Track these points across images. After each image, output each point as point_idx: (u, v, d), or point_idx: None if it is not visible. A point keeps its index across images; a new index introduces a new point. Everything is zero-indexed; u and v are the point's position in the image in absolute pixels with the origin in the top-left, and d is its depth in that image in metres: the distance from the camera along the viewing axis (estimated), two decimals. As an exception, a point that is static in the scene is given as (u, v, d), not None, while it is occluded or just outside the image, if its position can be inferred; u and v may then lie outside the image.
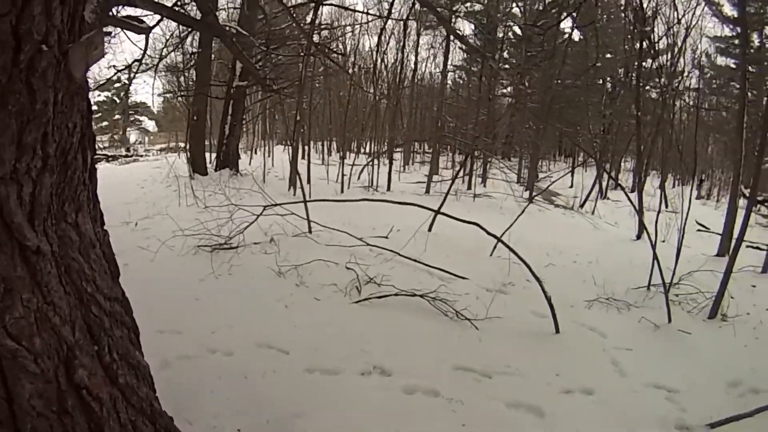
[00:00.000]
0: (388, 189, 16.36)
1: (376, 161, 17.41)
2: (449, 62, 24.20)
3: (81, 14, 1.90)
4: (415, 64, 23.88)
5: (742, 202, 11.93)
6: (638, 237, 12.36)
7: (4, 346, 1.69)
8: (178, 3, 10.53)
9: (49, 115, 1.77)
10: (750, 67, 17.45)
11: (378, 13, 18.61)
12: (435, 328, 5.47)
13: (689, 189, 15.50)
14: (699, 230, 13.91)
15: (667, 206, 15.24)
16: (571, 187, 20.21)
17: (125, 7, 8.99)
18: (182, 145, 17.47)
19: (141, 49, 12.52)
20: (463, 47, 24.54)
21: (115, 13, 8.82)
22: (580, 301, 7.01)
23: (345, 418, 3.59)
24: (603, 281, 7.67)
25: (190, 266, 6.39)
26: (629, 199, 8.98)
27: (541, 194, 14.85)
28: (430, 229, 9.00)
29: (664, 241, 9.13)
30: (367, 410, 3.75)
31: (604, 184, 19.56)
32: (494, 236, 7.04)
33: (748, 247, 7.60)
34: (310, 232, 8.09)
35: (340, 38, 22.82)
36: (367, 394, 3.99)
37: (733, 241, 8.03)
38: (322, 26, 18.02)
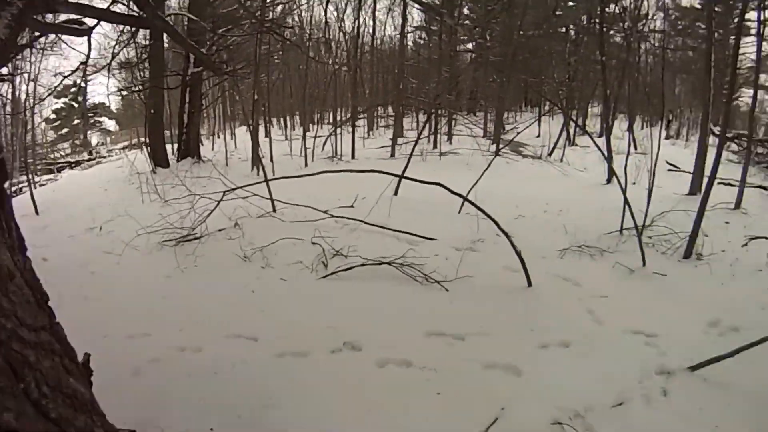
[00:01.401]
0: (353, 157, 16.30)
1: (339, 130, 17.20)
2: (408, 24, 23.89)
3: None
4: (373, 28, 23.61)
5: (711, 140, 12.04)
6: (608, 181, 12.41)
7: None
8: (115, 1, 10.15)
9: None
10: (716, 7, 17.46)
11: None
12: (404, 295, 5.38)
13: (658, 130, 15.64)
14: (669, 170, 14.03)
15: (636, 148, 15.32)
16: (539, 136, 20.14)
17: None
18: (143, 140, 17.12)
19: (84, 53, 12.10)
20: (420, 7, 24.22)
21: (53, 19, 8.44)
22: (552, 251, 6.97)
23: (316, 402, 3.50)
24: (574, 229, 7.68)
25: (155, 264, 6.27)
26: (596, 144, 8.89)
27: (507, 146, 14.74)
28: (396, 193, 8.93)
29: (634, 183, 9.10)
30: (339, 390, 3.66)
31: (572, 131, 19.54)
32: (459, 195, 6.91)
33: (719, 183, 7.60)
34: (274, 211, 8.03)
35: (296, 11, 22.34)
36: (338, 372, 3.92)
37: (705, 179, 8.04)
38: (276, 2, 17.58)
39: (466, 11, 26.59)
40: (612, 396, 3.64)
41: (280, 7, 18.57)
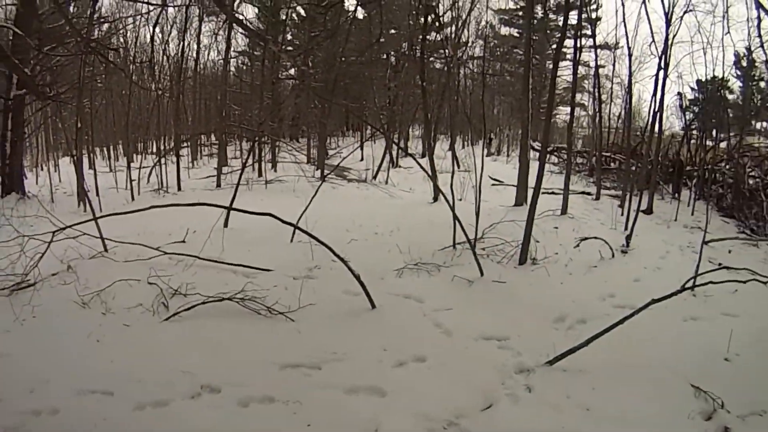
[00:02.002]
0: (179, 189, 15.59)
1: (163, 160, 16.43)
2: (232, 49, 23.56)
3: None
4: (197, 52, 22.94)
5: (531, 155, 13.07)
6: (435, 200, 12.98)
7: None
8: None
9: None
10: (534, 35, 19.31)
11: (159, 2, 17.54)
12: (251, 330, 5.24)
13: (480, 148, 16.71)
14: (494, 184, 15.04)
15: (459, 167, 16.15)
16: (362, 160, 20.71)
17: None
18: None
19: None
20: (245, 32, 24.01)
21: None
22: (389, 271, 7.12)
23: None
24: (408, 247, 7.89)
25: None
26: (420, 164, 9.27)
27: (333, 171, 14.90)
28: (226, 225, 8.72)
29: (461, 200, 9.56)
30: (206, 435, 3.48)
31: (395, 153, 20.29)
32: (290, 224, 6.84)
33: (543, 193, 8.25)
34: (106, 250, 7.43)
35: (121, 32, 21.08)
36: (202, 418, 3.76)
37: (530, 191, 8.66)
38: (101, 19, 16.43)
39: (289, 37, 26.89)
40: (479, 400, 3.77)
41: (105, 26, 17.55)
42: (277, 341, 4.98)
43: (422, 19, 15.95)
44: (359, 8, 19.62)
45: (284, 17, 24.48)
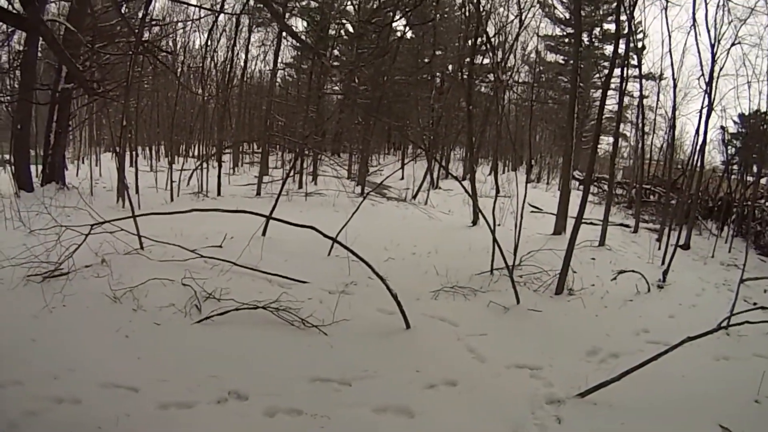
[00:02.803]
0: (219, 194, 15.75)
1: (204, 165, 16.71)
2: (279, 60, 23.95)
3: None
4: (245, 62, 23.35)
5: (572, 184, 12.98)
6: (474, 223, 12.86)
7: None
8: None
9: None
10: (581, 64, 19.30)
11: (210, 8, 17.94)
12: (283, 340, 5.27)
13: (522, 174, 16.61)
14: (533, 212, 14.84)
15: (498, 192, 16.07)
16: (402, 179, 20.72)
17: None
18: (6, 157, 15.39)
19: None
20: (297, 44, 24.33)
21: None
22: (425, 292, 7.11)
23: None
24: (445, 270, 7.85)
25: (22, 301, 5.64)
26: (463, 186, 9.30)
27: (374, 190, 14.92)
28: (264, 234, 8.74)
29: (500, 225, 9.43)
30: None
31: (435, 174, 20.26)
32: (331, 238, 6.91)
33: (582, 223, 8.19)
34: (141, 248, 7.51)
35: (171, 35, 21.65)
36: (227, 424, 3.78)
37: (570, 220, 8.61)
38: (153, 22, 16.88)
39: (336, 53, 27.22)
40: (508, 429, 3.75)
41: (156, 29, 17.98)
42: (309, 354, 5.00)
43: (471, 42, 15.99)
44: (408, 28, 19.81)
45: (332, 32, 24.77)
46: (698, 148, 11.52)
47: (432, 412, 4.01)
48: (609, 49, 28.16)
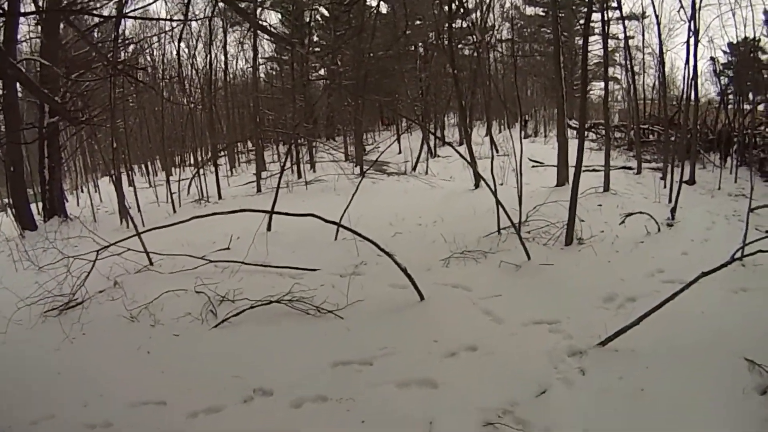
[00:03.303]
0: (220, 197, 15.79)
1: (202, 171, 16.69)
2: (259, 55, 23.78)
3: None
4: (225, 63, 23.20)
5: (569, 133, 12.86)
6: (476, 186, 12.86)
7: None
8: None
9: None
10: (560, 12, 19.01)
11: (182, 18, 17.83)
12: (301, 330, 5.28)
13: (516, 131, 16.50)
14: (534, 166, 14.77)
15: (497, 151, 15.98)
16: (400, 153, 20.65)
17: None
18: (5, 201, 15.50)
19: None
20: (270, 38, 24.18)
21: None
22: (435, 261, 7.08)
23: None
24: (452, 236, 7.83)
25: (42, 337, 5.66)
26: (458, 152, 9.18)
27: (372, 167, 14.86)
28: (269, 229, 8.72)
29: (502, 184, 9.42)
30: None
31: (432, 143, 20.19)
32: (332, 222, 6.88)
33: (584, 171, 8.11)
34: (151, 264, 7.54)
35: (147, 50, 21.53)
36: (255, 421, 3.83)
37: (570, 169, 8.52)
38: (126, 41, 16.76)
39: (315, 38, 27.01)
40: (533, 387, 3.74)
41: (131, 47, 17.89)
42: (327, 340, 5.01)
43: (446, 7, 15.79)
44: (382, 3, 19.57)
45: (308, 19, 24.57)
46: (690, 81, 11.34)
47: (455, 379, 4.00)
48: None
